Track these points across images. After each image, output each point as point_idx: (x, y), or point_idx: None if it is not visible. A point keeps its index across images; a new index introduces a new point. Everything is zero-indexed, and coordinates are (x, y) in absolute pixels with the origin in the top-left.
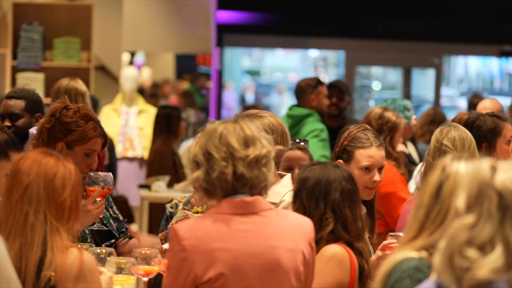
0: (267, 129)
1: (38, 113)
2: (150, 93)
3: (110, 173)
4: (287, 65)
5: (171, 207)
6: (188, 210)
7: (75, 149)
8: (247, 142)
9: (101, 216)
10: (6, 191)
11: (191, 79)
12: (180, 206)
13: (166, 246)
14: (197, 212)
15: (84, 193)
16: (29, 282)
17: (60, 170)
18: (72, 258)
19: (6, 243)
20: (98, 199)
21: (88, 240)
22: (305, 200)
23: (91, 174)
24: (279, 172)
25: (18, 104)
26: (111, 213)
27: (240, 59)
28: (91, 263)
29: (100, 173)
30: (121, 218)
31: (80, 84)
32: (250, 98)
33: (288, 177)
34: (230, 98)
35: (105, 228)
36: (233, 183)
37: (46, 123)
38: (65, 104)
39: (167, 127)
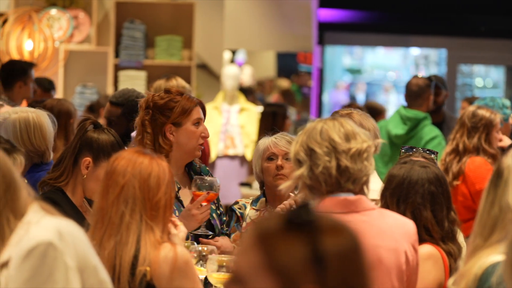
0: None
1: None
2: (251, 92)
3: (217, 178)
4: (388, 63)
5: (239, 208)
6: (258, 209)
7: (183, 124)
8: (348, 136)
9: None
10: (102, 192)
11: (292, 77)
12: (248, 207)
13: None
14: None
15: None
16: (124, 280)
17: (155, 169)
18: (165, 252)
19: (101, 241)
20: (203, 203)
21: (189, 239)
22: (388, 199)
23: (199, 178)
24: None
25: (115, 111)
26: (215, 208)
27: (341, 57)
28: (186, 257)
29: (207, 178)
30: (223, 218)
31: (179, 82)
32: (360, 97)
33: None
34: (336, 97)
35: (210, 233)
36: (337, 177)
37: (145, 116)
38: (151, 94)
39: (273, 124)
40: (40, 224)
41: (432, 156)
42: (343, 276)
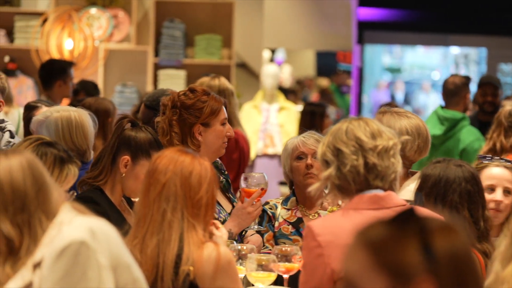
0: (413, 131)
1: None
2: (291, 90)
3: (264, 174)
4: (428, 63)
5: (270, 208)
6: (290, 208)
7: (212, 125)
8: (374, 134)
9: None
10: (144, 190)
11: (331, 76)
12: (279, 206)
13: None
14: (332, 211)
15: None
16: (168, 278)
17: (196, 168)
18: (208, 252)
19: (144, 240)
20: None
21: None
22: (425, 199)
23: (248, 176)
24: (411, 170)
25: (146, 115)
26: None
27: (381, 56)
28: (228, 256)
29: (255, 174)
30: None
31: (222, 82)
32: (400, 97)
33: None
34: (377, 96)
35: (262, 229)
36: (365, 175)
37: (172, 116)
38: (175, 93)
39: (312, 123)
40: (72, 224)
41: (509, 163)
42: (457, 273)
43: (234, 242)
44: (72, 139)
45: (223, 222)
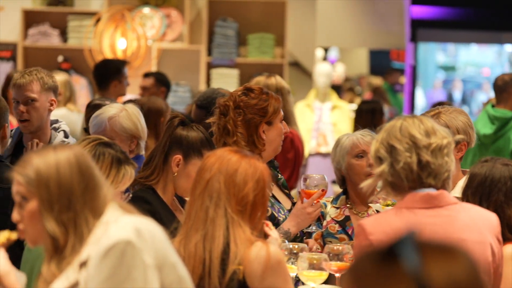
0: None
1: None
2: (346, 88)
3: (325, 175)
4: (482, 60)
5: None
6: (339, 207)
7: (273, 124)
8: (428, 132)
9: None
10: (192, 187)
11: (384, 75)
12: (329, 205)
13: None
14: (387, 205)
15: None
16: (214, 275)
17: (243, 166)
18: (257, 251)
19: (187, 235)
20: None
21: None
22: (471, 198)
23: (307, 177)
24: (462, 169)
25: (198, 114)
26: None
27: (434, 55)
28: (278, 255)
29: (315, 175)
30: None
31: (278, 81)
32: (457, 95)
33: None
34: (433, 95)
35: (320, 230)
36: (418, 173)
37: (237, 117)
38: (234, 93)
39: (371, 121)
40: (119, 223)
41: None
42: None
43: (286, 241)
44: (140, 131)
45: (282, 221)
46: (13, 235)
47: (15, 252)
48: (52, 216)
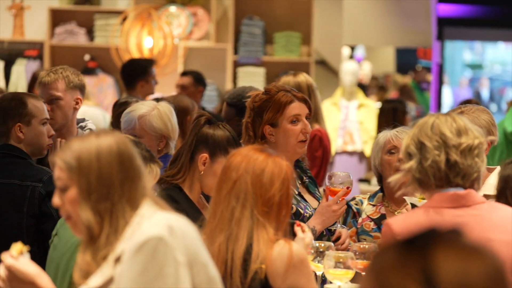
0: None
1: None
2: (374, 87)
3: (349, 173)
4: (509, 59)
5: (356, 204)
6: (375, 204)
7: (279, 124)
8: (460, 131)
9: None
10: (216, 187)
11: (411, 73)
12: (365, 202)
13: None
14: (423, 198)
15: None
16: (236, 275)
17: (269, 166)
18: (279, 250)
19: (212, 235)
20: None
21: (325, 234)
22: (510, 198)
23: (332, 175)
24: (488, 167)
25: (228, 112)
26: None
27: (461, 53)
28: (301, 254)
29: (340, 173)
30: None
31: (307, 78)
32: (485, 94)
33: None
34: (459, 93)
35: (346, 228)
36: (446, 172)
37: (248, 118)
38: (253, 94)
39: (393, 120)
40: (152, 219)
41: None
42: None
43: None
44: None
45: (308, 218)
46: (25, 248)
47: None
48: (88, 205)
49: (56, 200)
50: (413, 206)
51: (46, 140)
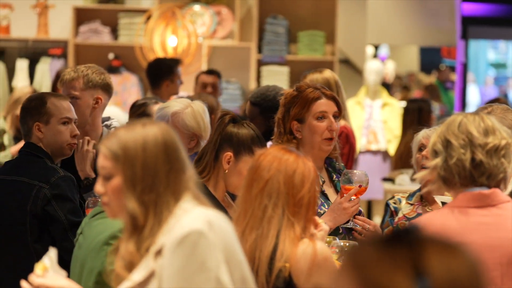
0: None
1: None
2: (401, 86)
3: (365, 172)
4: None
5: (394, 203)
6: (413, 204)
7: (306, 120)
8: (487, 131)
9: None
10: (246, 185)
11: (435, 72)
12: (404, 201)
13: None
14: None
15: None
16: (262, 274)
17: (300, 167)
18: (303, 248)
19: (243, 234)
20: (353, 197)
21: (341, 232)
22: None
23: (348, 172)
24: None
25: (252, 111)
26: None
27: (486, 52)
28: (325, 253)
29: (355, 171)
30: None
31: (333, 74)
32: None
33: None
34: (485, 92)
35: (358, 227)
36: (471, 171)
37: (279, 114)
38: (287, 91)
39: (418, 119)
40: (192, 213)
41: None
42: None
43: (337, 238)
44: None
45: (321, 215)
46: (47, 265)
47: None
48: (134, 196)
49: (99, 187)
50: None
51: (65, 139)
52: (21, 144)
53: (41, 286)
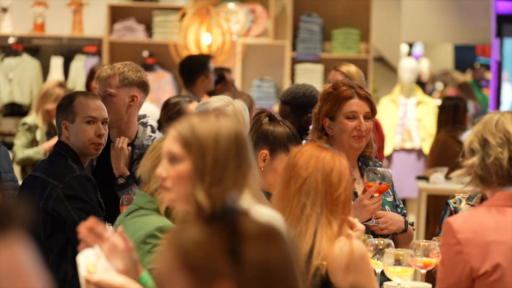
0: None
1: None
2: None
3: (389, 169)
4: None
5: (454, 203)
6: (473, 205)
7: (336, 118)
8: None
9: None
10: (283, 183)
11: (469, 70)
12: (463, 202)
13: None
14: None
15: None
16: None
17: (337, 165)
18: (340, 246)
19: None
20: (375, 194)
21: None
22: None
23: (371, 170)
24: None
25: (283, 110)
26: (390, 200)
27: None
28: (362, 251)
29: (379, 168)
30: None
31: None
32: None
33: None
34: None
35: (381, 225)
36: (508, 169)
37: (315, 109)
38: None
39: (454, 118)
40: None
41: None
42: (264, 285)
43: (371, 236)
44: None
45: None
46: (94, 263)
47: None
48: (202, 187)
49: (161, 171)
50: None
51: (88, 138)
52: (54, 140)
53: (100, 283)
